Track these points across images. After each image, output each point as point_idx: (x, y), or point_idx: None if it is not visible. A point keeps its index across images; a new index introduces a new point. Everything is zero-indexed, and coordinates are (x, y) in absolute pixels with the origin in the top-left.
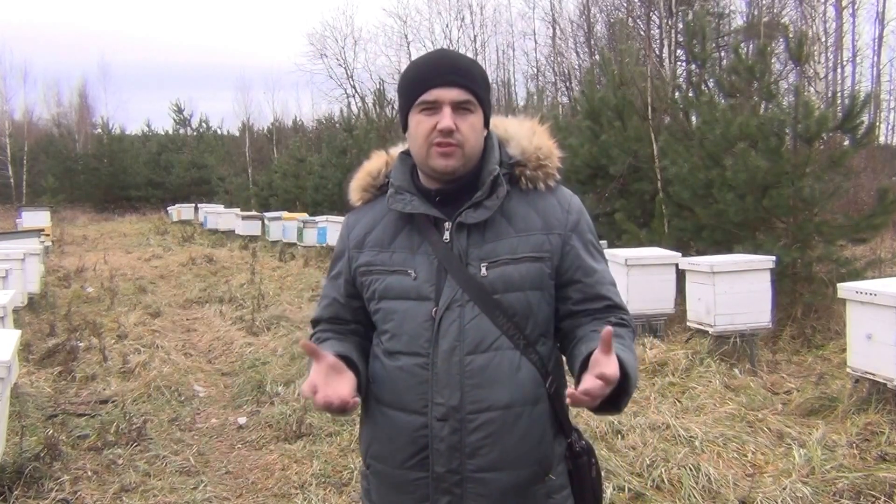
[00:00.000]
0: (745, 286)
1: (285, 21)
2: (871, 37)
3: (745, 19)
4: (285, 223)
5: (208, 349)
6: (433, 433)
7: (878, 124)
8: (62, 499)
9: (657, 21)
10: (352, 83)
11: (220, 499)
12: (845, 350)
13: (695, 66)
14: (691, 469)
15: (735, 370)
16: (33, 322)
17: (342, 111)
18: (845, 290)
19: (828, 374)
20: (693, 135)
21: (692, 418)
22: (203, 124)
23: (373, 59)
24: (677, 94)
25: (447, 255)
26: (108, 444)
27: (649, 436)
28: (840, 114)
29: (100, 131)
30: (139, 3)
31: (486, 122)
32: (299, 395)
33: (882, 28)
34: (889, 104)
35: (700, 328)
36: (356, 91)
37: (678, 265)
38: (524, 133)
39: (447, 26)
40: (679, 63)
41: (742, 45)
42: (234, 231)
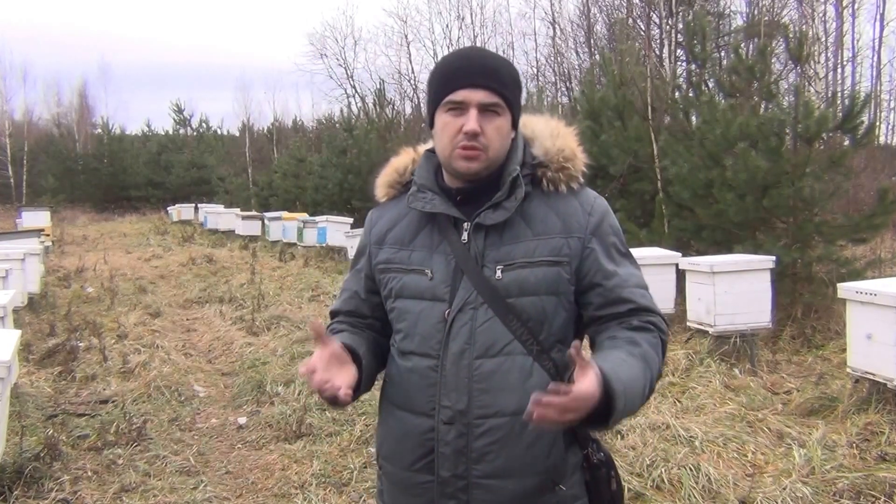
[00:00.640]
0: (745, 286)
1: (285, 21)
2: (871, 37)
3: (745, 19)
4: (285, 223)
5: (208, 349)
6: (439, 436)
7: (878, 124)
8: (62, 499)
9: (657, 21)
10: (352, 83)
11: (220, 499)
12: (845, 350)
13: (695, 66)
14: (691, 469)
15: (735, 370)
16: (33, 322)
17: (342, 111)
18: (845, 290)
19: (828, 374)
20: (693, 135)
21: (692, 418)
22: (203, 124)
23: (373, 59)
24: (677, 94)
25: (464, 255)
26: (108, 444)
27: (649, 436)
28: (840, 114)
29: (100, 131)
30: (139, 3)
31: (515, 123)
32: (299, 395)
33: (882, 28)
34: (889, 104)
35: (700, 328)
36: (356, 91)
37: (678, 265)
38: (548, 133)
39: (447, 26)
40: (679, 63)
41: (742, 45)
42: (234, 231)
